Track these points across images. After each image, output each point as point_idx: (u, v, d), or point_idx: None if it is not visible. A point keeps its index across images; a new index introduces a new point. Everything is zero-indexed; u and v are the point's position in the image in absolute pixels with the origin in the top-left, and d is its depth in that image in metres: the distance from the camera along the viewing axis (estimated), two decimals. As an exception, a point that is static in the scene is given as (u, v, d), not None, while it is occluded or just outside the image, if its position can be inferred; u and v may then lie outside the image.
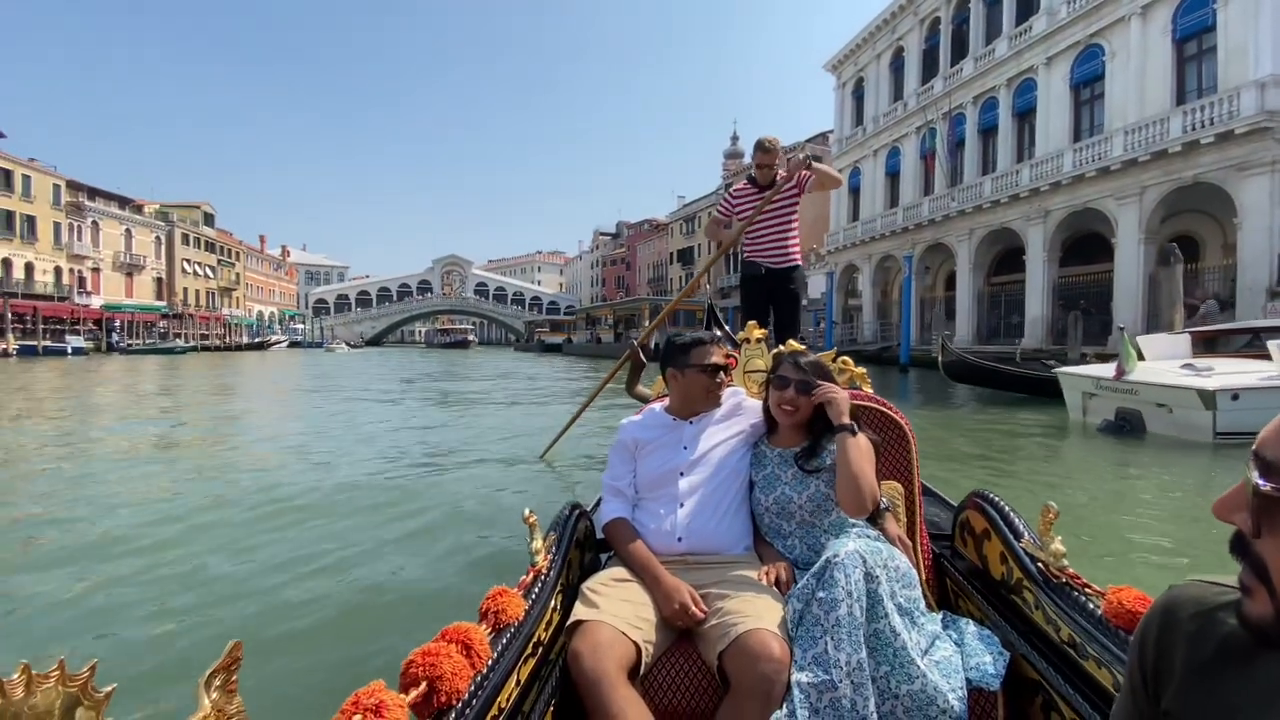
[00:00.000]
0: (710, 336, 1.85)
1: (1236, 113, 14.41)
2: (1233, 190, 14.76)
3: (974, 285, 22.93)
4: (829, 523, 1.65)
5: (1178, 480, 5.71)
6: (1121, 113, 17.54)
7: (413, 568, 3.51)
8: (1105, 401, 7.93)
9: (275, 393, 16.15)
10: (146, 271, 53.21)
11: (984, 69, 22.53)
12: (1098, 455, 6.89)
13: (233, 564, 3.55)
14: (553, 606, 1.48)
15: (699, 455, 1.75)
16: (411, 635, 1.13)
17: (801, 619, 1.33)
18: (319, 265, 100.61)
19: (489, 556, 3.64)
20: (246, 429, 9.34)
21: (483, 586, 1.32)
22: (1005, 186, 20.76)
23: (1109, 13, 17.95)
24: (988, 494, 1.73)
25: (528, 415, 10.28)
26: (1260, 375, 6.95)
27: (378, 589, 3.20)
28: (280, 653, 2.52)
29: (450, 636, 1.11)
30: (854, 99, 30.99)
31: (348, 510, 4.61)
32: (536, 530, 1.56)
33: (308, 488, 5.21)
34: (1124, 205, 17.08)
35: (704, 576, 1.57)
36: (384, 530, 4.15)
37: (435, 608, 2.90)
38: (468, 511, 4.57)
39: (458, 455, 6.81)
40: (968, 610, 1.72)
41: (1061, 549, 1.43)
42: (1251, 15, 14.69)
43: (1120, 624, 1.21)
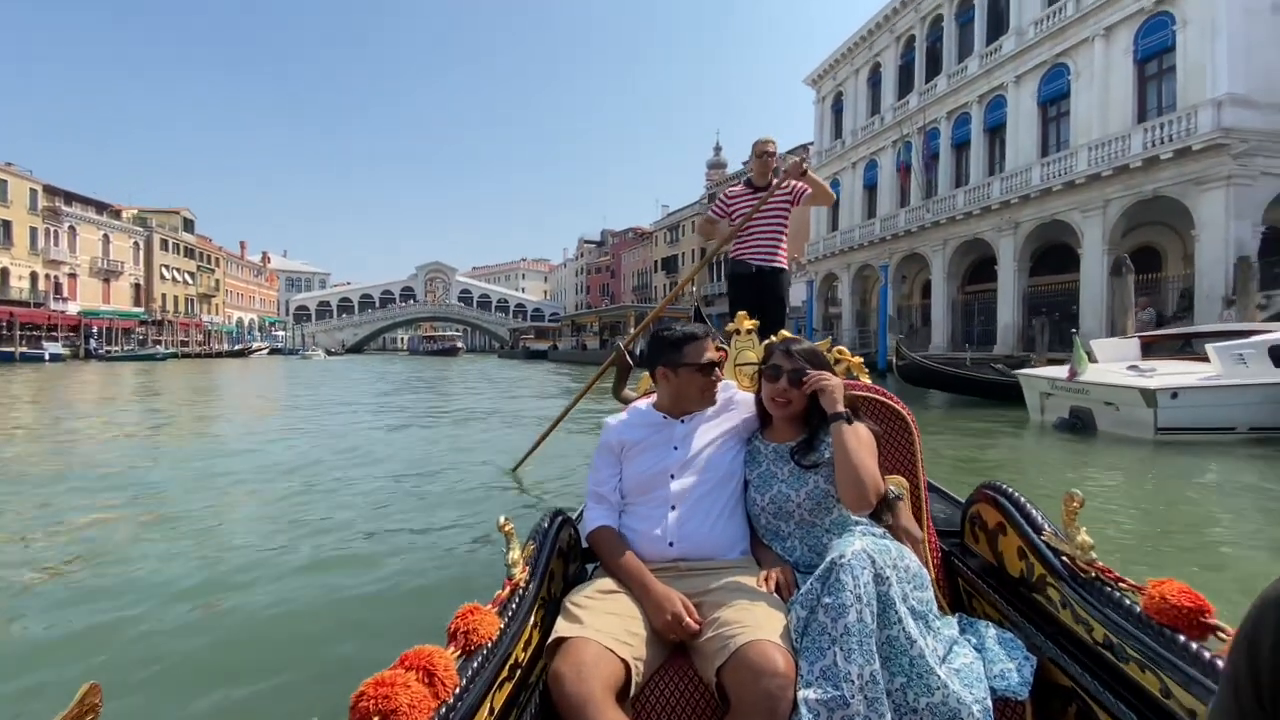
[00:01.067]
0: (703, 330, 1.71)
1: (1194, 130, 15.16)
2: (1190, 204, 15.51)
3: (948, 294, 23.62)
4: (830, 521, 1.54)
5: (1124, 471, 6.23)
6: (1086, 129, 18.32)
7: (371, 586, 3.19)
8: (1060, 401, 8.47)
9: (253, 400, 16.22)
10: (124, 277, 52.55)
11: (956, 86, 23.32)
12: (1053, 450, 7.42)
13: (171, 571, 3.31)
14: (532, 623, 1.35)
15: (691, 455, 1.63)
16: (368, 663, 1.01)
17: (806, 628, 1.22)
18: (300, 272, 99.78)
19: (462, 572, 3.39)
20: (219, 437, 8.95)
21: (454, 605, 1.20)
22: (977, 199, 21.49)
23: (1074, 34, 18.77)
24: (1000, 485, 1.62)
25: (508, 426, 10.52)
26: (1198, 376, 7.51)
27: (329, 611, 2.90)
28: (210, 687, 2.24)
29: (410, 663, 0.98)
30: (833, 112, 31.77)
31: (295, 523, 4.25)
32: (514, 540, 1.43)
33: (253, 503, 4.89)
34: (1089, 218, 17.82)
35: (698, 584, 1.46)
36: (339, 546, 3.79)
37: (397, 631, 2.62)
38: (439, 524, 4.27)
39: (429, 465, 6.47)
40: (984, 611, 1.60)
41: (1089, 540, 1.32)
42: (1209, 37, 15.48)
43: (1164, 621, 1.11)
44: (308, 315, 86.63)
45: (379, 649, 2.17)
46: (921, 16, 25.33)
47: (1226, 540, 4.20)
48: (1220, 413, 7.33)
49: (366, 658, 2.03)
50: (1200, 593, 1.11)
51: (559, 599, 1.49)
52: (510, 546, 1.42)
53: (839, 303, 31.06)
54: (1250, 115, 14.74)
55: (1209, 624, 1.08)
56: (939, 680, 1.18)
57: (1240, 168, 14.67)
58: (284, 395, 16.24)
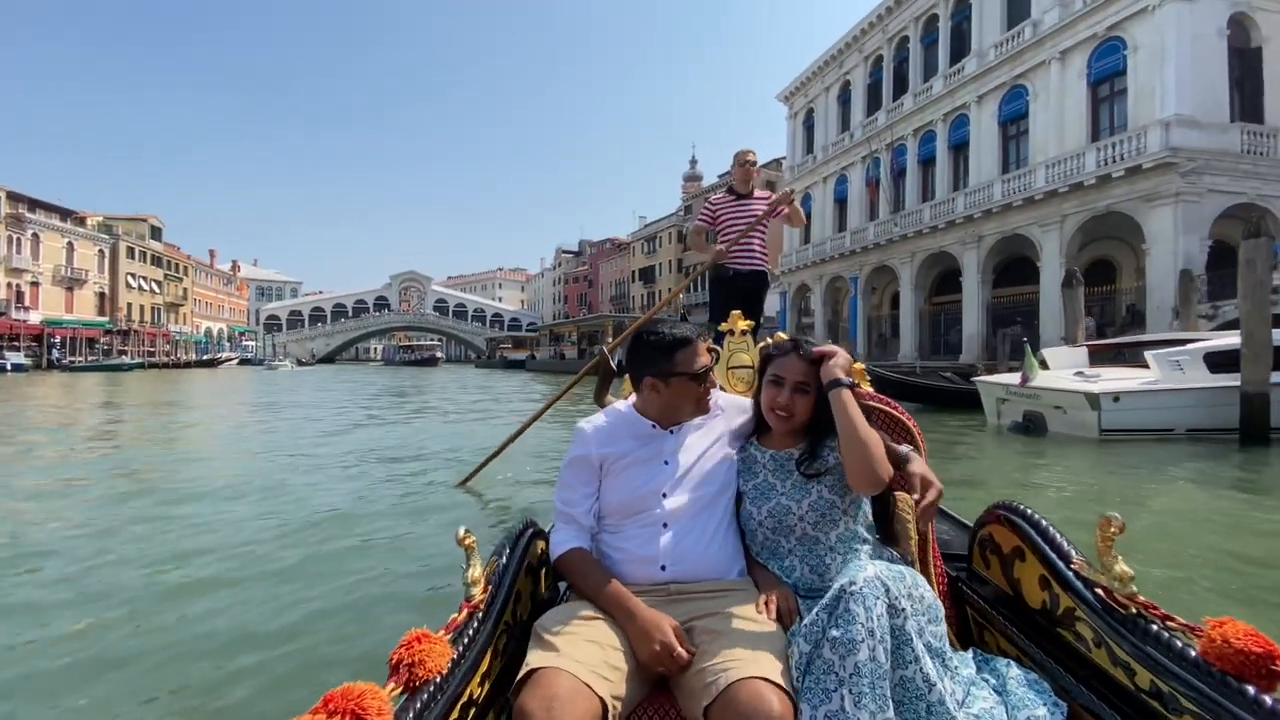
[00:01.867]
0: (695, 331, 1.54)
1: (1144, 149, 15.94)
2: (1141, 219, 16.27)
3: (916, 304, 24.28)
4: (835, 537, 1.38)
5: (1070, 468, 6.68)
6: (1043, 148, 19.11)
7: (301, 615, 2.78)
8: (1014, 405, 8.94)
9: (209, 415, 16.04)
10: (88, 286, 51.30)
11: (922, 104, 24.12)
12: (1009, 451, 7.86)
13: (45, 597, 3.00)
14: (492, 652, 1.20)
15: (685, 470, 1.46)
16: (288, 709, 0.89)
17: (810, 665, 1.08)
18: (271, 281, 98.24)
19: (415, 595, 3.03)
20: (175, 448, 8.59)
21: (402, 633, 1.04)
22: (942, 213, 22.20)
23: (1031, 57, 19.61)
24: (1016, 505, 1.46)
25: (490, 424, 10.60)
26: (1139, 381, 8.01)
27: (247, 644, 2.51)
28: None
29: (335, 706, 0.84)
30: (805, 128, 32.53)
31: (219, 540, 3.91)
32: (474, 555, 1.26)
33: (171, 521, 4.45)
34: (1047, 232, 18.54)
35: (691, 609, 1.30)
36: (266, 563, 3.46)
37: (329, 669, 2.27)
38: (390, 542, 3.94)
39: (383, 477, 6.04)
40: (998, 646, 1.45)
41: (1129, 571, 1.15)
42: (1158, 62, 16.30)
43: (1227, 668, 0.96)
44: (279, 325, 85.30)
45: (307, 692, 1.86)
46: (889, 37, 26.17)
47: (1160, 528, 4.56)
48: (1159, 415, 7.83)
49: (286, 702, 1.98)
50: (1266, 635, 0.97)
51: (526, 624, 1.31)
52: (470, 563, 1.25)
53: (812, 313, 31.67)
54: (1197, 135, 15.55)
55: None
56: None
57: (1188, 185, 15.44)
58: (241, 410, 16.07)
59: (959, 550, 1.72)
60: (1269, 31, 16.47)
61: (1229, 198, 15.64)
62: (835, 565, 1.34)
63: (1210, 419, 7.92)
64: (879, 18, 26.46)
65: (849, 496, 1.39)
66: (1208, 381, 7.87)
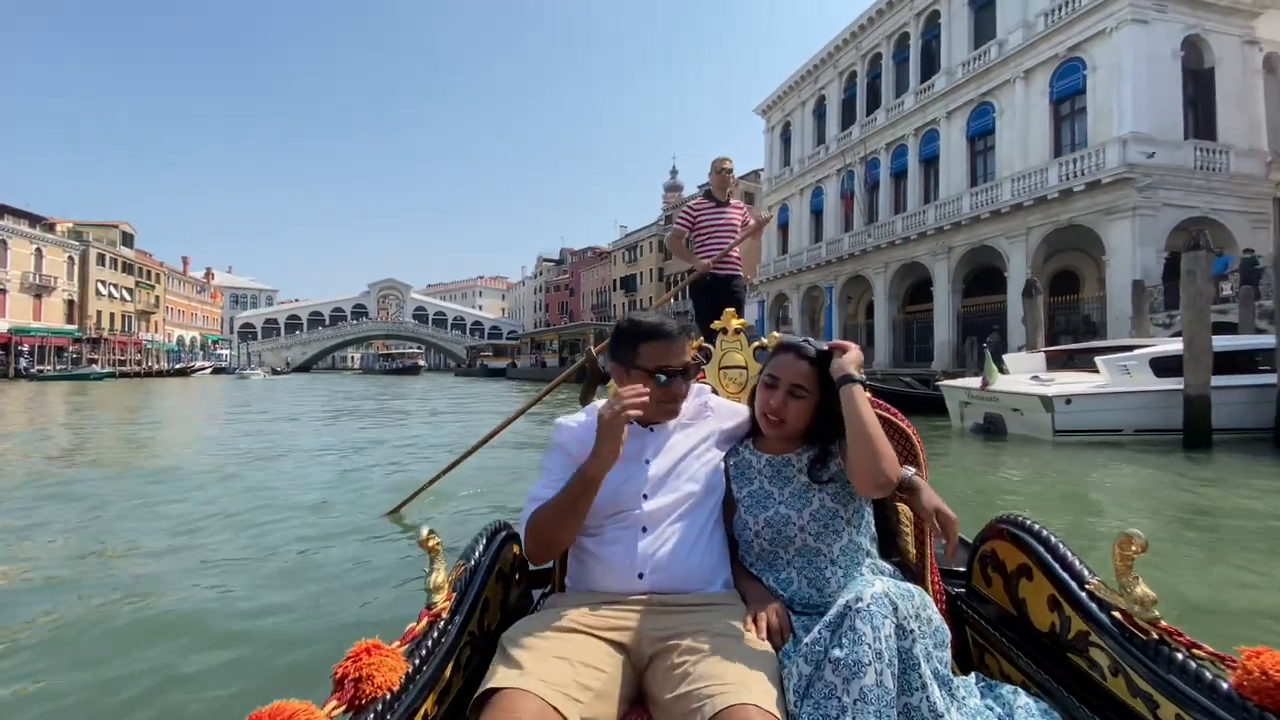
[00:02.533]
0: (676, 326, 1.42)
1: (1103, 165, 16.63)
2: (1101, 232, 16.94)
3: (890, 313, 24.86)
4: (838, 549, 1.29)
5: (1028, 466, 7.08)
6: (1009, 162, 19.79)
7: (241, 625, 2.71)
8: (976, 408, 9.38)
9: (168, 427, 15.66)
10: (57, 293, 50.20)
11: (894, 119, 24.80)
12: (971, 451, 8.25)
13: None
14: (453, 666, 1.12)
15: (667, 469, 1.37)
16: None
17: (809, 689, 0.99)
18: (246, 288, 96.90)
19: (374, 604, 2.91)
20: (133, 453, 8.54)
21: (351, 644, 0.95)
22: (914, 225, 22.82)
23: (996, 76, 20.33)
24: (1020, 518, 1.37)
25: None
26: (1090, 385, 8.47)
27: (172, 658, 2.42)
28: None
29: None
30: (782, 141, 33.17)
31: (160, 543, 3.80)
32: (439, 558, 1.17)
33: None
34: (1013, 243, 19.18)
35: (673, 622, 1.20)
36: (214, 568, 3.38)
37: (266, 683, 2.17)
38: (345, 549, 3.80)
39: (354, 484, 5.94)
40: (1001, 671, 1.35)
41: (1151, 594, 1.07)
42: (1116, 81, 17.02)
43: (1267, 704, 0.87)
44: (253, 333, 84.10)
45: (242, 709, 1.58)
46: (862, 54, 26.89)
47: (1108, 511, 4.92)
48: (1109, 416, 8.30)
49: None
50: None
51: (495, 635, 1.21)
52: (433, 567, 1.15)
53: (790, 321, 32.17)
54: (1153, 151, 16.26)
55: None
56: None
57: (1144, 199, 16.13)
58: (207, 420, 15.95)
59: (957, 566, 1.62)
60: (1221, 53, 17.30)
61: (1183, 211, 16.36)
62: (836, 579, 1.27)
63: (1156, 420, 8.43)
64: (853, 35, 27.19)
65: (852, 505, 1.31)
66: (1154, 385, 8.39)
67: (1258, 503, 5.46)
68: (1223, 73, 17.31)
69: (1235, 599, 3.24)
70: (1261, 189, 17.04)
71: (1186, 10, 16.89)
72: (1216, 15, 17.13)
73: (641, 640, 1.18)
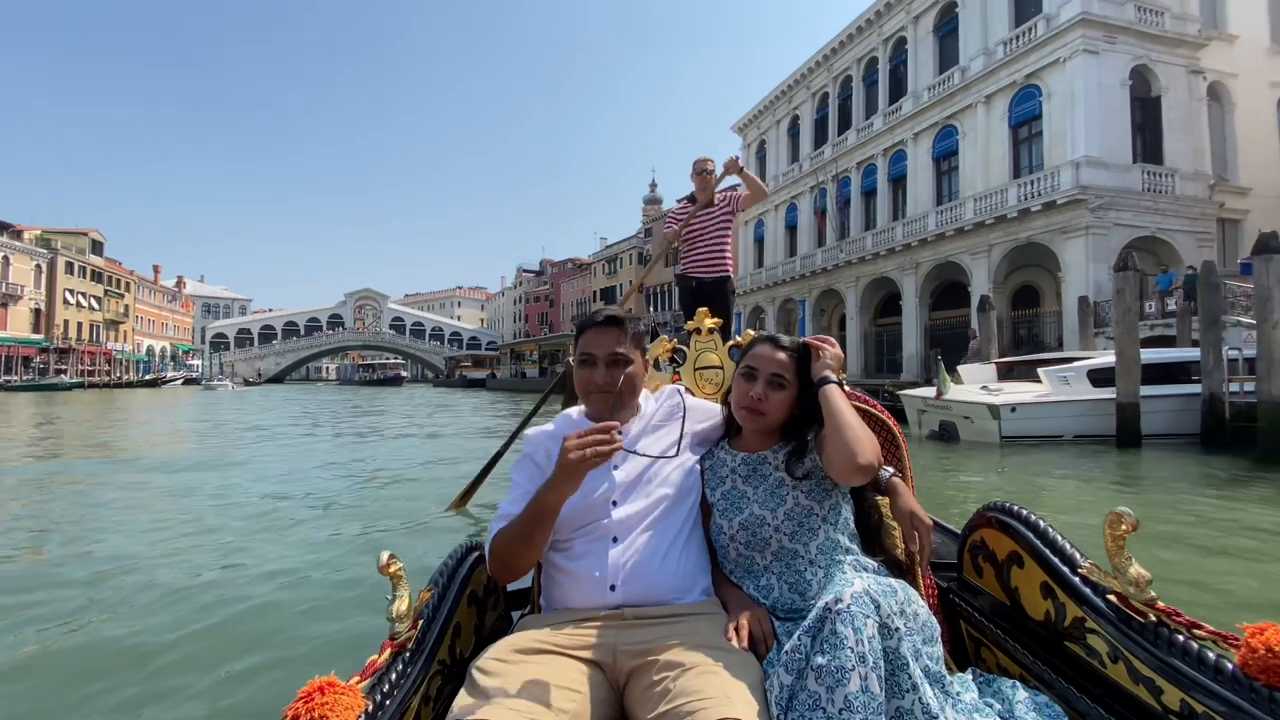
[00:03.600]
0: (604, 315, 1.39)
1: (1058, 186, 17.51)
2: (1057, 249, 17.80)
3: (861, 326, 25.61)
4: (815, 548, 1.24)
5: (976, 469, 7.64)
6: (971, 183, 20.68)
7: (191, 667, 2.55)
8: (932, 416, 10.00)
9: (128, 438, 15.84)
10: (24, 302, 49.18)
11: (864, 139, 25.70)
12: (927, 455, 8.79)
13: None
14: (420, 698, 1.07)
15: (636, 474, 1.32)
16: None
17: (793, 699, 0.95)
18: (219, 298, 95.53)
19: (335, 636, 2.77)
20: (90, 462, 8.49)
21: (306, 680, 0.91)
22: (883, 241, 23.63)
23: (959, 100, 21.27)
24: (1010, 506, 1.34)
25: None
26: (1033, 394, 9.13)
27: (116, 692, 2.33)
28: None
29: None
30: (757, 158, 34.00)
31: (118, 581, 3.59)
32: (402, 584, 1.10)
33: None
34: (976, 259, 20.01)
35: (650, 636, 1.14)
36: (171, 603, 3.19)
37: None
38: (325, 576, 3.62)
39: (334, 504, 5.74)
40: (998, 664, 1.31)
41: (1145, 574, 1.05)
42: (1069, 107, 17.95)
43: (1275, 683, 0.85)
44: (226, 343, 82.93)
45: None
46: (834, 76, 27.83)
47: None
48: (1050, 423, 9.00)
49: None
50: None
51: (467, 661, 1.15)
52: (396, 594, 1.09)
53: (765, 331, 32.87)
54: (1104, 174, 17.19)
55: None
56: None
57: (1096, 219, 17.01)
58: (173, 432, 15.98)
59: (947, 558, 1.58)
60: (1167, 82, 18.35)
61: (1133, 231, 17.28)
62: (817, 581, 1.21)
63: (1093, 426, 9.15)
64: (825, 58, 28.13)
65: (828, 502, 1.27)
66: (1090, 394, 9.12)
67: (1168, 495, 6.12)
68: (1169, 100, 18.35)
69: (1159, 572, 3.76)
70: (1206, 210, 18.10)
71: (1135, 42, 17.92)
72: (1163, 46, 18.18)
73: (617, 657, 1.12)
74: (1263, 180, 19.21)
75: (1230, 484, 6.95)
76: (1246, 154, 19.26)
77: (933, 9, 22.78)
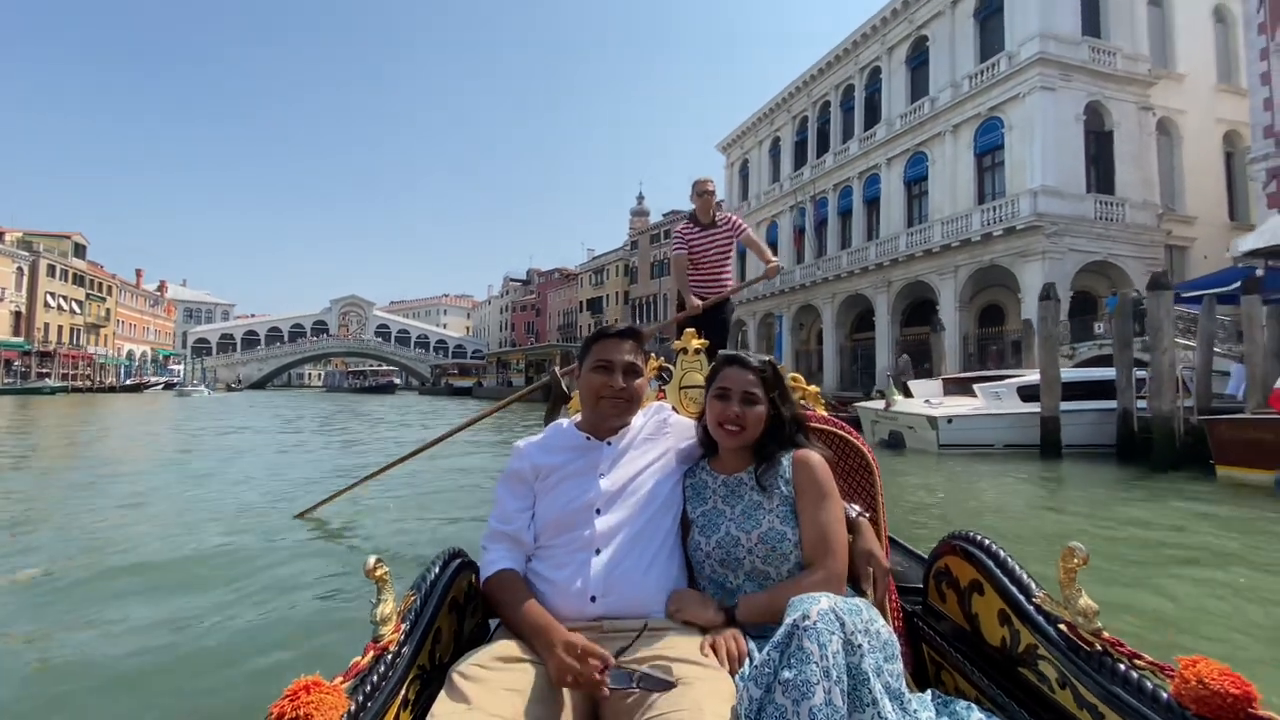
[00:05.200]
0: (617, 329, 1.48)
1: (1017, 213, 18.69)
2: (1017, 272, 18.96)
3: (837, 340, 26.69)
4: (786, 571, 1.30)
5: (916, 473, 8.70)
6: (940, 207, 21.88)
7: (170, 660, 2.62)
8: (883, 426, 11.08)
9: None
10: (4, 305, 48.91)
11: (841, 163, 26.91)
12: (879, 461, 9.94)
13: None
14: (400, 701, 1.08)
15: (621, 485, 1.37)
16: None
17: (761, 711, 0.97)
18: (201, 302, 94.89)
19: (318, 640, 2.82)
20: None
21: (290, 681, 0.91)
22: (858, 260, 24.77)
23: (929, 129, 22.51)
24: (974, 535, 1.40)
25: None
26: (969, 407, 10.20)
27: (99, 696, 2.34)
28: None
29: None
30: (740, 177, 35.24)
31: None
32: (387, 588, 1.13)
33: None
34: (944, 279, 21.15)
35: (625, 649, 1.17)
36: (136, 603, 3.22)
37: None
38: (300, 581, 3.68)
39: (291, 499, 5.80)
40: (956, 687, 1.37)
41: (1093, 605, 1.10)
42: (1029, 140, 19.16)
43: (1204, 712, 0.89)
44: (208, 348, 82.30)
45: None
46: (813, 101, 29.08)
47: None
48: (983, 434, 10.10)
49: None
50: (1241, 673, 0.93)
51: (446, 666, 1.18)
52: (380, 597, 1.13)
53: (748, 346, 33.90)
54: (1059, 203, 18.39)
55: (1258, 716, 0.88)
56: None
57: (1052, 244, 18.20)
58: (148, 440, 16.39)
59: (914, 583, 1.64)
60: (1119, 117, 19.64)
61: (1086, 255, 18.50)
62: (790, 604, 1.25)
63: (1020, 437, 10.28)
64: (805, 83, 29.38)
65: (799, 527, 1.32)
66: (1019, 408, 10.28)
67: (1081, 492, 7.20)
68: (1120, 134, 19.64)
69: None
70: (1154, 237, 19.38)
71: (1089, 80, 19.22)
72: (1115, 84, 19.50)
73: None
74: (1207, 209, 20.59)
75: (1118, 486, 8.18)
76: (1193, 185, 20.62)
77: (905, 41, 24.06)
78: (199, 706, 2.31)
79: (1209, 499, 7.02)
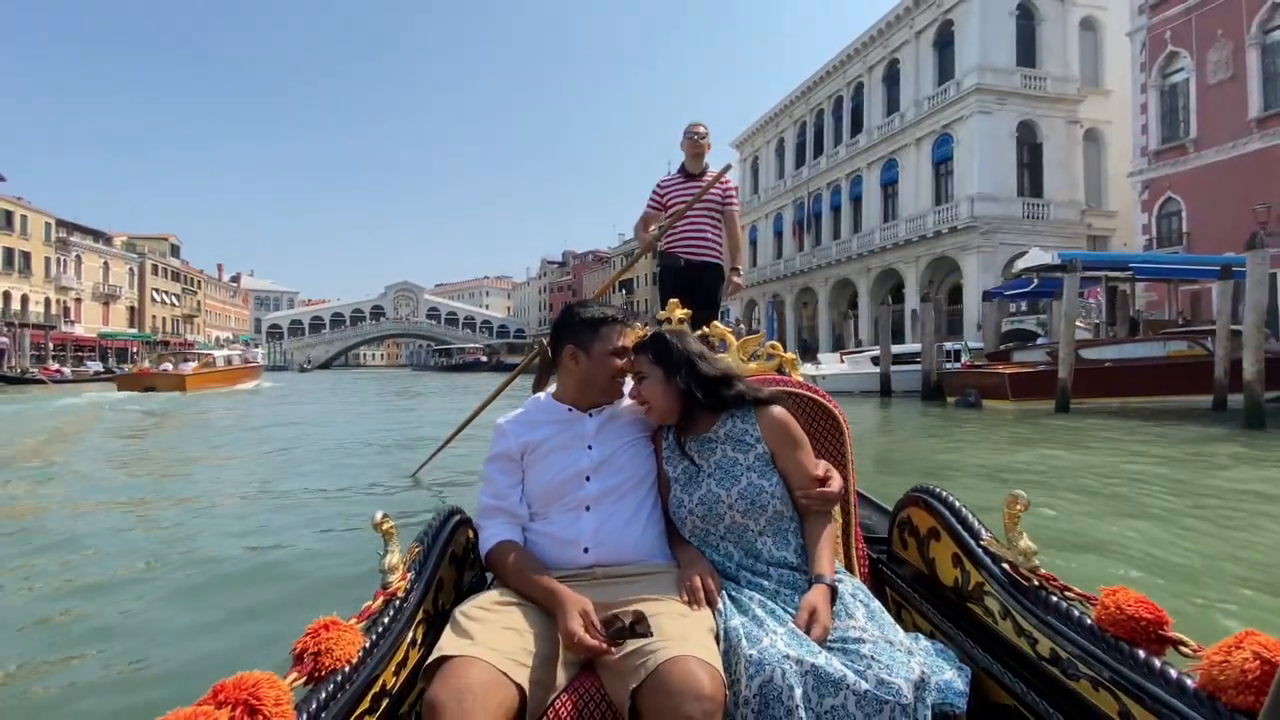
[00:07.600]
0: (620, 314, 1.52)
1: (959, 215, 23.38)
2: (961, 262, 23.72)
3: (830, 318, 31.72)
4: (765, 520, 1.38)
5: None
6: (906, 206, 26.61)
7: (208, 608, 2.80)
8: None
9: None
10: (121, 300, 57.06)
11: (832, 164, 31.62)
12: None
13: None
14: (409, 640, 1.17)
15: (607, 454, 1.46)
16: (175, 701, 0.76)
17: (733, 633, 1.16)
18: (269, 291, 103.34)
19: (333, 586, 3.01)
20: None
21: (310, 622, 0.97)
22: (845, 250, 29.66)
23: (899, 140, 27.11)
24: (933, 488, 1.52)
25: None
26: (839, 368, 16.56)
27: (148, 637, 2.51)
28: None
29: (225, 696, 0.79)
30: (752, 172, 40.04)
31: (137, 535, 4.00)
32: (393, 540, 1.24)
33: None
34: (908, 267, 25.99)
35: (615, 592, 1.29)
36: (177, 559, 3.49)
37: (232, 660, 1.85)
38: (315, 535, 3.96)
39: (307, 475, 6.06)
40: (914, 624, 1.50)
41: (1031, 545, 1.24)
42: (971, 154, 23.68)
43: (1120, 634, 1.02)
44: (280, 333, 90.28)
45: (196, 685, 1.28)
46: (811, 108, 33.67)
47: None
48: (845, 384, 16.62)
49: (177, 694, 1.66)
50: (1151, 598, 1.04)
51: (448, 612, 1.25)
52: (388, 549, 1.23)
53: (757, 322, 39.11)
54: (992, 206, 23.01)
55: (1168, 637, 1.01)
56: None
57: (985, 240, 22.90)
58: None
59: (879, 533, 1.82)
60: (1048, 131, 23.94)
61: (1015, 248, 22.86)
62: (767, 548, 1.37)
63: (869, 386, 16.78)
64: (804, 93, 33.95)
65: (774, 478, 1.40)
66: (869, 369, 16.63)
67: (900, 415, 12.65)
68: (1050, 146, 23.96)
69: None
70: (1077, 230, 23.81)
71: (1022, 102, 23.57)
72: (1046, 104, 23.77)
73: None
74: (1127, 205, 24.79)
75: (919, 414, 13.82)
76: (1116, 184, 24.76)
77: (882, 63, 28.50)
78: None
79: (939, 414, 13.54)
